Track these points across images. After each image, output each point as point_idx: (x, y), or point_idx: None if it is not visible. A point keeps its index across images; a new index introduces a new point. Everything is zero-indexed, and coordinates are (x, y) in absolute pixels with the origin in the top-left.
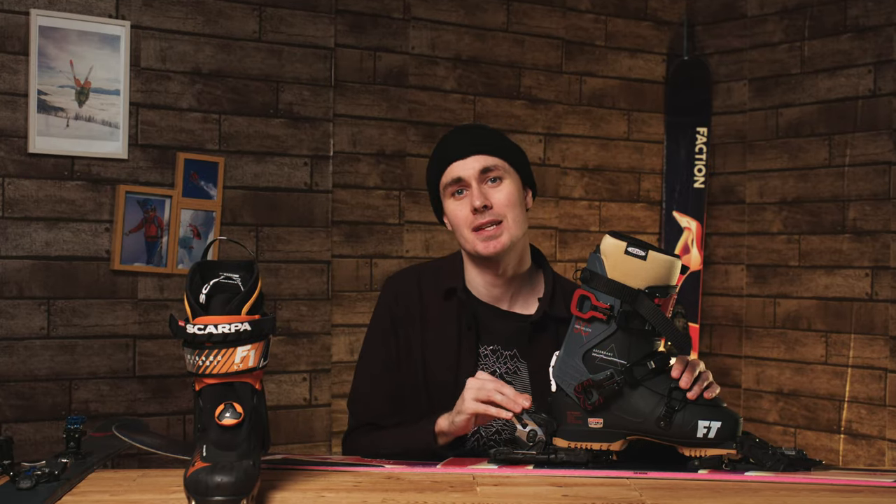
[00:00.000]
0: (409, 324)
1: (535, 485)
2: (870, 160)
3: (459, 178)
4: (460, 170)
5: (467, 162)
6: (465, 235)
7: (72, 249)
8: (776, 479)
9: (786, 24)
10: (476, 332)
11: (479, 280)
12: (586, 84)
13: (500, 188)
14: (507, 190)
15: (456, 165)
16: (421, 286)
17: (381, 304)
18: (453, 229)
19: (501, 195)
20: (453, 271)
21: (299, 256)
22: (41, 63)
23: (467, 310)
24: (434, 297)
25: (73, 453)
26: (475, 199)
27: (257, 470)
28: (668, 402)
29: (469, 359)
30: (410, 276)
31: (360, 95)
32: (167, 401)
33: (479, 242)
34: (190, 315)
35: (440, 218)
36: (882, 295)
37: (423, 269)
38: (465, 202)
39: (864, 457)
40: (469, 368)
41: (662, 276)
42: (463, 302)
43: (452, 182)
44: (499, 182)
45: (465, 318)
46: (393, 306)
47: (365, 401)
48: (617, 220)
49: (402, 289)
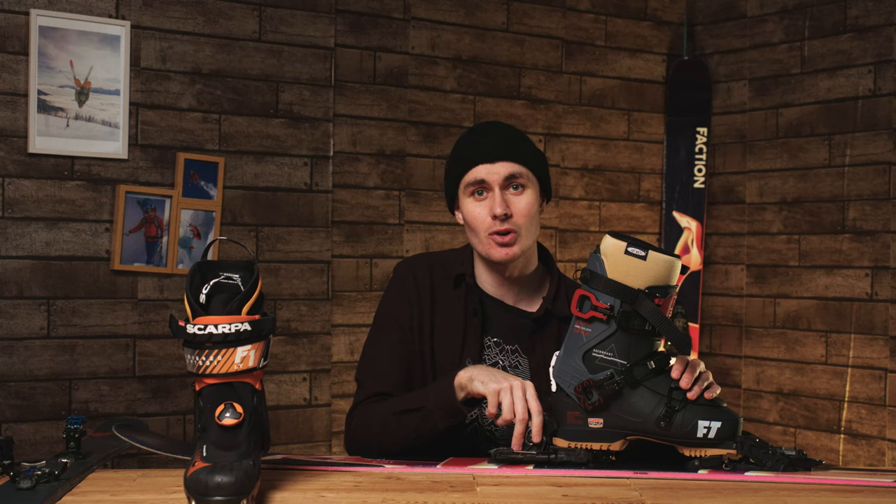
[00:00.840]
0: (419, 305)
1: (535, 485)
2: (870, 160)
3: (483, 181)
4: (486, 173)
5: (494, 167)
6: (479, 237)
7: (72, 249)
8: (776, 479)
9: (786, 24)
10: (482, 320)
11: (486, 277)
12: (586, 84)
13: (522, 197)
14: (528, 199)
15: (482, 168)
16: (432, 271)
17: (394, 283)
18: (466, 226)
19: (522, 204)
20: (463, 260)
21: (299, 256)
22: (41, 63)
23: (474, 296)
24: (444, 282)
25: (73, 453)
26: (497, 207)
27: (257, 470)
28: (668, 402)
29: (474, 345)
30: (422, 261)
31: (360, 95)
32: (167, 401)
33: (493, 248)
34: (190, 315)
35: (452, 209)
36: (882, 295)
37: (435, 256)
38: (484, 204)
39: (864, 457)
40: (473, 354)
41: (662, 276)
42: (471, 288)
43: (475, 183)
44: (521, 190)
45: (471, 305)
46: (406, 285)
47: (377, 370)
48: (617, 220)
49: (415, 271)
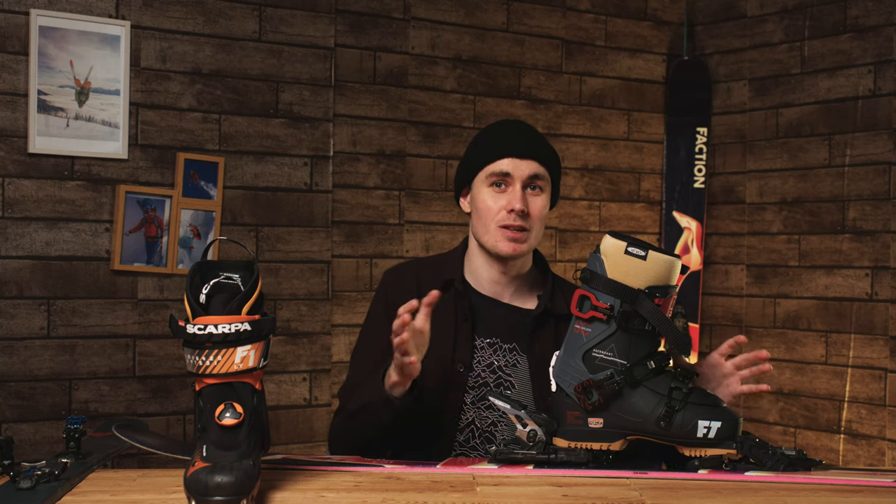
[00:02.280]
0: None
1: (535, 485)
2: (870, 160)
3: (508, 174)
4: (513, 167)
5: (523, 163)
6: (488, 227)
7: (72, 249)
8: (776, 479)
9: (786, 24)
10: (472, 324)
11: (483, 272)
12: (586, 84)
13: (538, 199)
14: (543, 202)
15: (510, 161)
16: (419, 278)
17: (378, 297)
18: (474, 215)
19: (538, 206)
20: (452, 264)
21: (299, 256)
22: (41, 63)
23: (464, 300)
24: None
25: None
26: (517, 202)
27: (257, 470)
28: (668, 402)
29: (465, 349)
30: (409, 269)
31: (360, 95)
32: (167, 401)
33: (503, 241)
34: (190, 315)
35: (458, 196)
36: (882, 295)
37: (423, 262)
38: (502, 197)
39: (864, 457)
40: (464, 358)
41: (662, 276)
42: (460, 293)
43: (499, 174)
44: (538, 192)
45: (461, 309)
46: (389, 299)
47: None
48: (617, 220)
49: (401, 281)
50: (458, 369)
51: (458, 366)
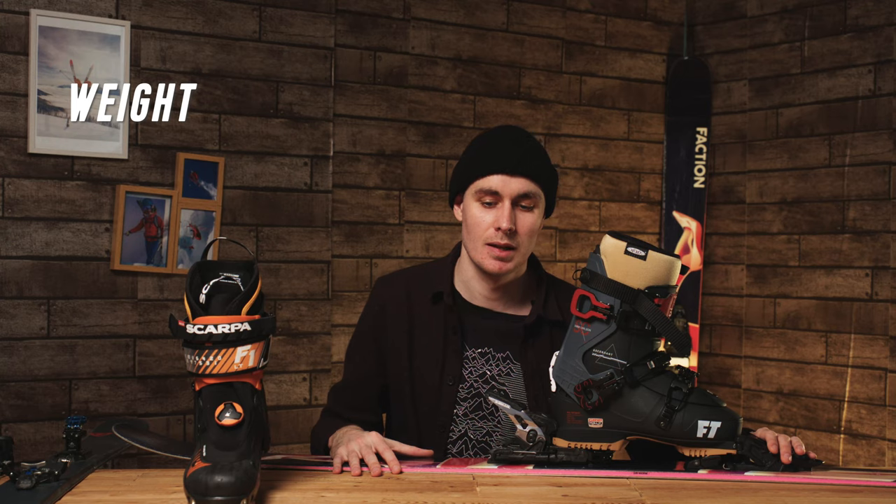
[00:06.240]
0: (394, 329)
1: (535, 485)
2: (870, 160)
3: (497, 193)
4: (502, 185)
5: (511, 180)
6: (476, 244)
7: (72, 249)
8: (776, 479)
9: (786, 24)
10: (462, 336)
11: (475, 283)
12: (586, 84)
13: (528, 216)
14: (533, 219)
15: (500, 178)
16: (409, 291)
17: (367, 310)
18: (464, 226)
19: (527, 224)
20: (441, 276)
21: (299, 256)
22: (41, 63)
23: (453, 313)
24: (422, 300)
25: (73, 453)
26: (504, 221)
27: (257, 470)
28: (667, 402)
29: (454, 362)
30: (399, 281)
31: (360, 95)
32: (167, 401)
33: (488, 259)
34: (190, 315)
35: (452, 203)
36: (882, 295)
37: (413, 272)
38: (490, 213)
39: (864, 457)
40: (454, 371)
41: (662, 276)
42: (449, 306)
43: (487, 192)
44: (529, 209)
45: (449, 322)
46: (377, 314)
47: (336, 394)
48: (617, 220)
49: (390, 295)
50: (448, 383)
51: (448, 379)
